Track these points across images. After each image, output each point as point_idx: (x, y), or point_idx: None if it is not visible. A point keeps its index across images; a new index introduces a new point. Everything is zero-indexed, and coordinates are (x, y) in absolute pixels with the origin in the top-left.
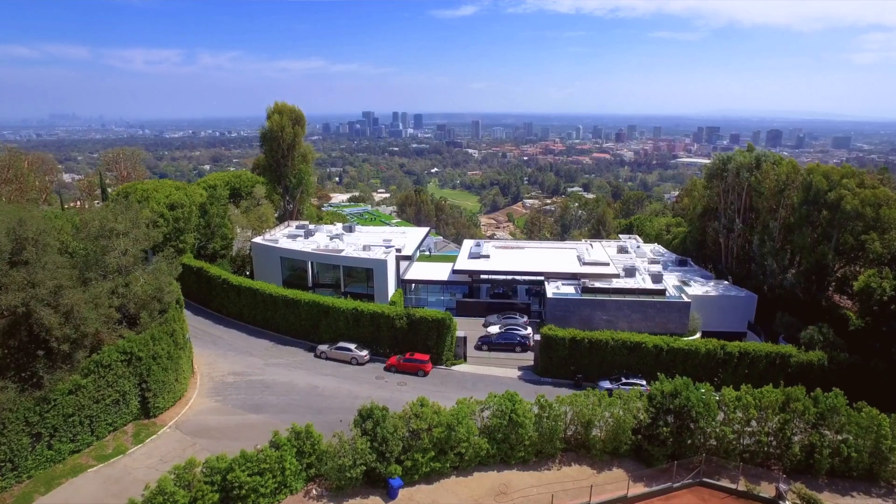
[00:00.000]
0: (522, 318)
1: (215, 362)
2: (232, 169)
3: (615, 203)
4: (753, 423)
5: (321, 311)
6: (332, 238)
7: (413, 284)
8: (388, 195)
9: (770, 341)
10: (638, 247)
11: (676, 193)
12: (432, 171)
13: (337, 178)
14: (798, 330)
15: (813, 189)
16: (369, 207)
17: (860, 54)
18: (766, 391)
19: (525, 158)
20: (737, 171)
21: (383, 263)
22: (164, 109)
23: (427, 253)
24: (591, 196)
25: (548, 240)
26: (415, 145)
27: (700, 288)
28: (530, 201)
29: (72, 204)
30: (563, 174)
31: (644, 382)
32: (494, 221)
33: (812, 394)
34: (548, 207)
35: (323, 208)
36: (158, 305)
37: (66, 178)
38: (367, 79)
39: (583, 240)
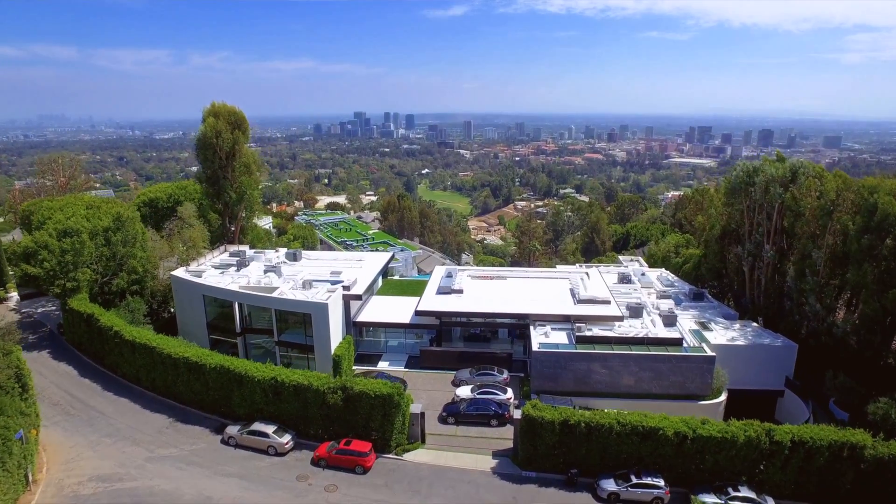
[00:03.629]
0: (502, 374)
1: (79, 457)
2: None
3: (609, 206)
4: None
5: (232, 380)
6: (266, 271)
7: (368, 328)
8: (375, 198)
9: (817, 406)
10: (643, 273)
11: (671, 195)
12: (423, 172)
13: (326, 181)
14: (859, 397)
15: (879, 213)
16: (346, 216)
17: (847, 55)
18: None
19: (517, 159)
20: (766, 186)
21: (324, 308)
22: (154, 110)
23: (396, 277)
24: (584, 199)
25: (538, 249)
26: (406, 146)
27: (724, 333)
28: (522, 203)
29: None
30: (555, 175)
31: (662, 483)
32: (485, 224)
33: None
34: (539, 210)
35: (296, 218)
36: None
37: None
38: (359, 79)
39: (577, 264)
